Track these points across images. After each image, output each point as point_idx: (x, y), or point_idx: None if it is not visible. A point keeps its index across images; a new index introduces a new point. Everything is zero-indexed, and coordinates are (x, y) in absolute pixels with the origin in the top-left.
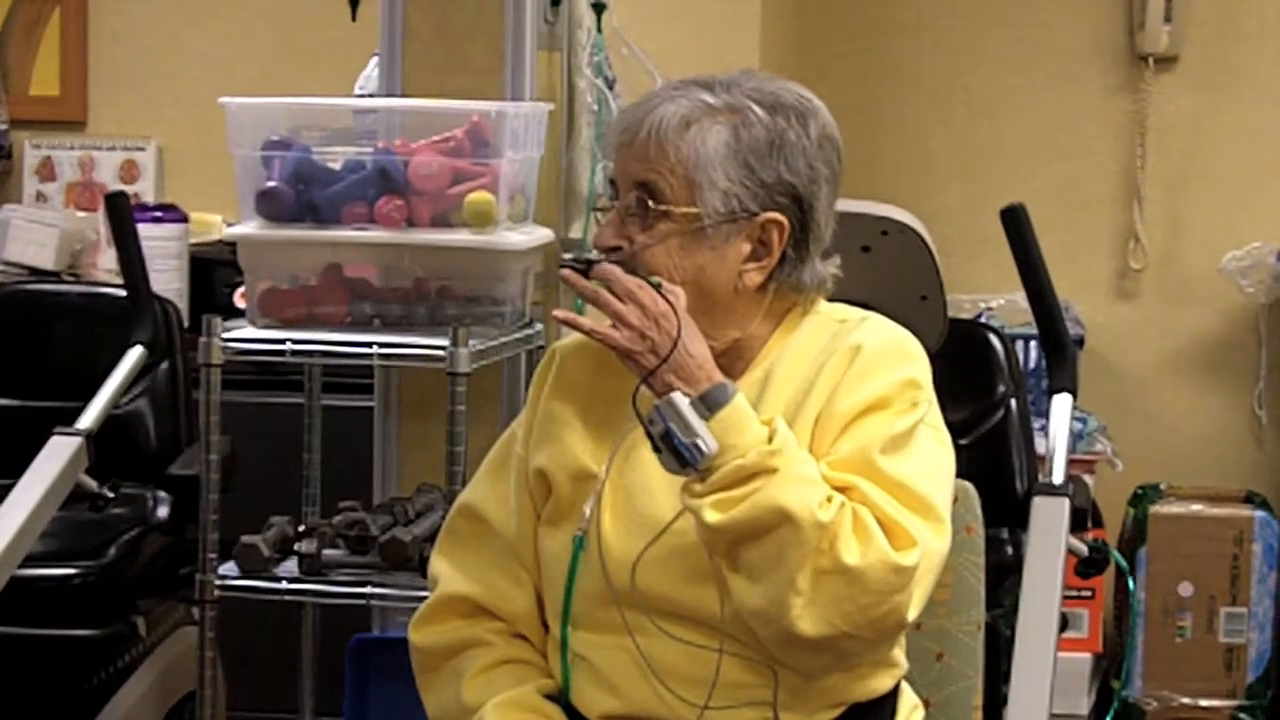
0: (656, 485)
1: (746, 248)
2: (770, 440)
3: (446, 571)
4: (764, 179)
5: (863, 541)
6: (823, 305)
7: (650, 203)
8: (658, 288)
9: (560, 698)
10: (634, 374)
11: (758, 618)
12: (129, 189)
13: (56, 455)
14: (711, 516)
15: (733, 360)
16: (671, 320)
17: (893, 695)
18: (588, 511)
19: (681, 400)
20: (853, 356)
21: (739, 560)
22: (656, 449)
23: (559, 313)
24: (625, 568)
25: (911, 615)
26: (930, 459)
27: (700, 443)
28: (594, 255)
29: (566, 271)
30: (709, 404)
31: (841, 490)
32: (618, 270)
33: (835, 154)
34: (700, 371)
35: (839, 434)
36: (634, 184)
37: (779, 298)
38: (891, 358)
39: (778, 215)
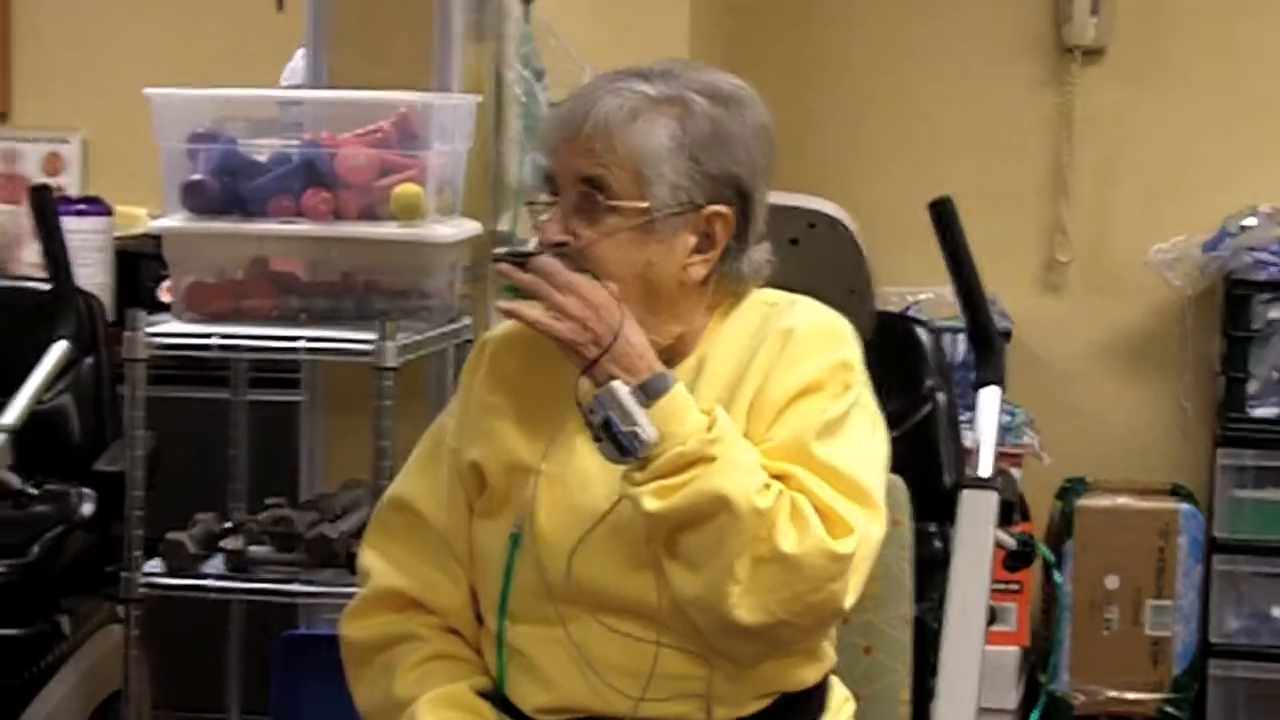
0: (593, 476)
1: (692, 240)
2: (710, 428)
3: (378, 565)
4: (710, 171)
5: (800, 529)
6: (753, 291)
7: (600, 197)
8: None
9: (494, 693)
10: (575, 365)
11: (696, 606)
12: (53, 182)
13: None
14: (651, 504)
15: (672, 353)
16: (612, 310)
17: (821, 688)
18: (525, 504)
19: (622, 389)
20: (785, 341)
21: (678, 548)
22: (597, 438)
23: (503, 304)
24: (561, 558)
25: (848, 602)
26: (864, 443)
27: (640, 431)
28: (529, 248)
29: (503, 265)
30: (649, 392)
31: (778, 478)
32: (555, 262)
33: (770, 143)
34: (641, 361)
35: (773, 419)
36: (579, 179)
37: (718, 289)
38: (823, 340)
39: (722, 207)
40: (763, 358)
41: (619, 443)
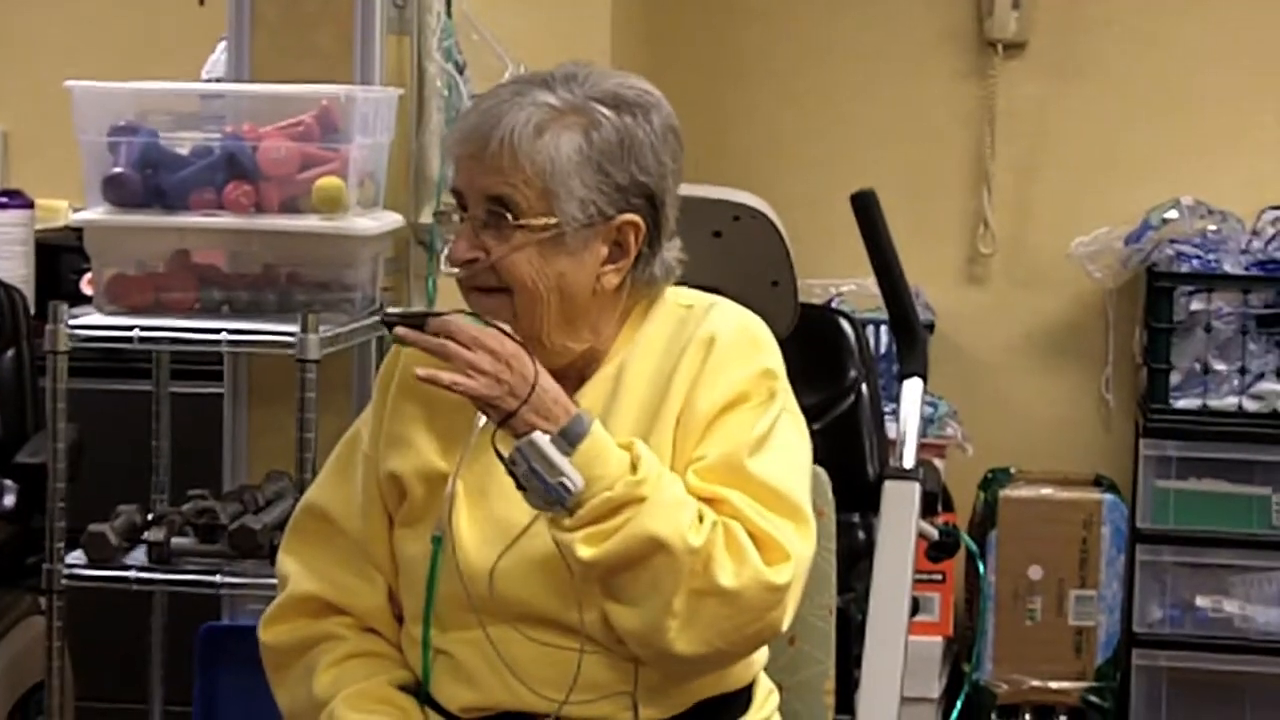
0: (511, 487)
1: (604, 251)
2: (634, 468)
3: (295, 570)
4: (619, 182)
5: (737, 561)
6: (667, 291)
7: (508, 215)
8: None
9: (418, 691)
10: (491, 419)
11: (634, 638)
12: None
13: None
14: (584, 552)
15: (586, 361)
16: (523, 359)
17: (749, 684)
18: (443, 516)
19: (543, 439)
20: (706, 350)
21: (614, 587)
22: (521, 487)
23: (421, 371)
24: (483, 574)
25: (785, 626)
26: (792, 453)
27: (567, 481)
28: (421, 309)
29: (402, 330)
30: (569, 439)
31: (711, 501)
32: (456, 319)
33: (678, 143)
34: (556, 406)
35: (702, 434)
36: (486, 197)
37: (632, 293)
38: (745, 349)
39: (633, 216)
40: (685, 370)
41: (546, 493)
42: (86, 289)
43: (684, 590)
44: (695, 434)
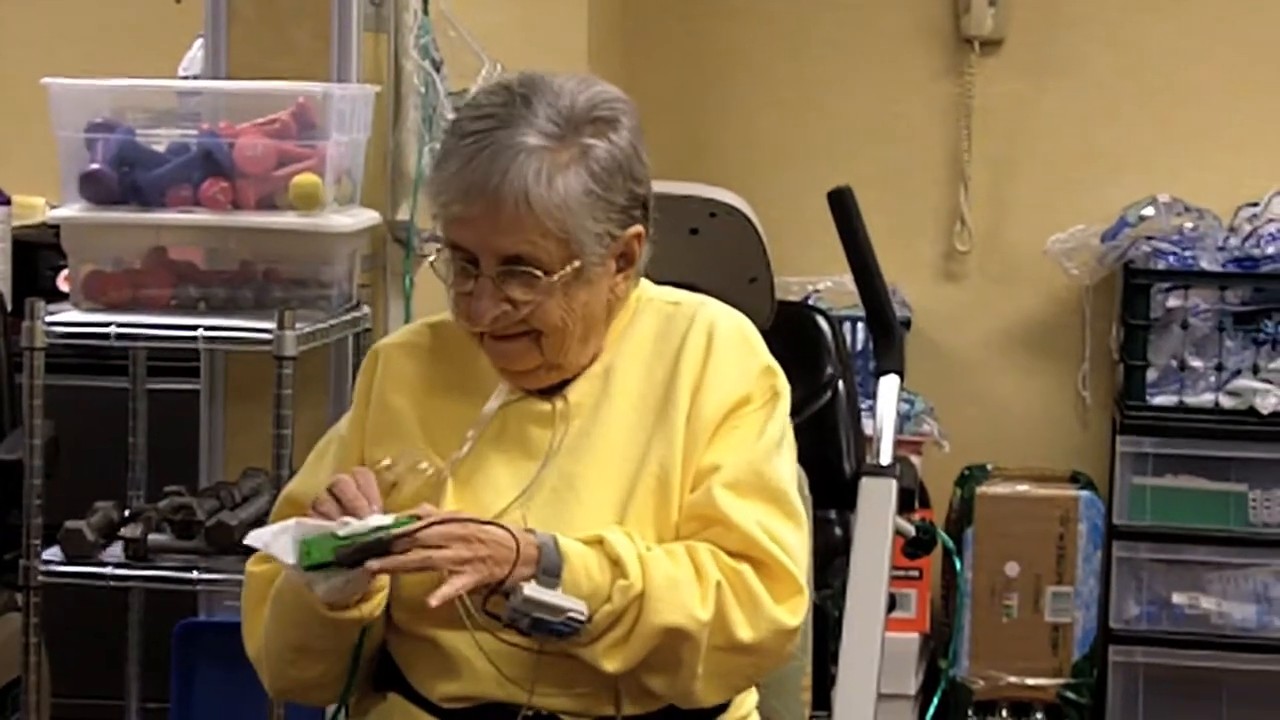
0: (502, 482)
1: (614, 266)
2: (620, 569)
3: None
4: (620, 203)
5: (751, 612)
6: (651, 290)
7: (536, 271)
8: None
9: (401, 684)
10: (484, 591)
11: (662, 695)
12: None
13: None
14: (611, 665)
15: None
16: (487, 529)
17: None
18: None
19: (534, 590)
20: (706, 352)
21: (642, 669)
22: (525, 633)
23: (435, 601)
24: None
25: (797, 644)
26: (791, 450)
27: (572, 614)
28: (365, 532)
29: (377, 563)
30: (550, 571)
31: (720, 525)
32: (411, 529)
33: (643, 137)
34: (526, 548)
35: (710, 436)
36: (504, 257)
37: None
38: (743, 348)
39: (637, 228)
40: (687, 373)
41: (558, 634)
42: (63, 286)
43: (704, 653)
44: (703, 436)
